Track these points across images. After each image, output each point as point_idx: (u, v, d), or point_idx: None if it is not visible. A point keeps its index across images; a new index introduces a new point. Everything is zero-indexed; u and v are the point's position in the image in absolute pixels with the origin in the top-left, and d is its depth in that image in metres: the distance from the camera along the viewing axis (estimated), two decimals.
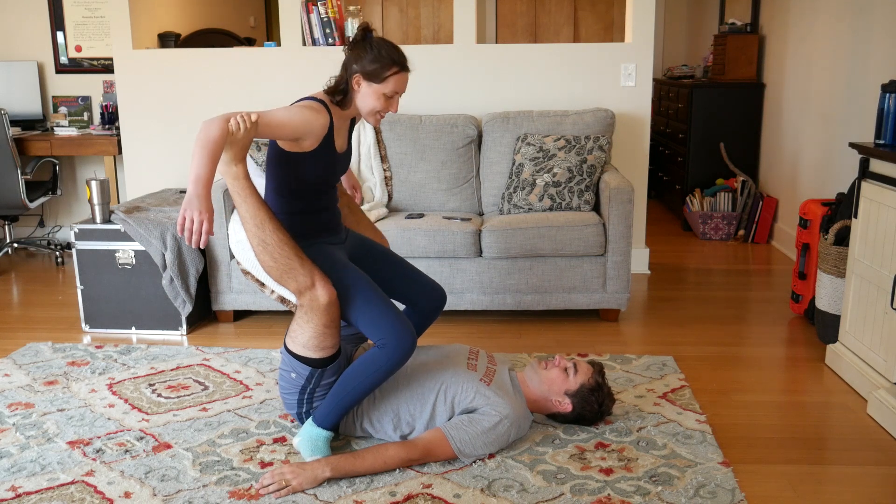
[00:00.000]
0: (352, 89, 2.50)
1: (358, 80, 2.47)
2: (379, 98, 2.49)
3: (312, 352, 2.46)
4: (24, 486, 2.39)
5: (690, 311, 3.99)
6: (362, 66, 2.45)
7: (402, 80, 2.51)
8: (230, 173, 2.40)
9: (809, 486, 2.38)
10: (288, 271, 2.39)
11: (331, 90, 2.51)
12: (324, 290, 2.38)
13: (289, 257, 2.39)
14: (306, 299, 2.40)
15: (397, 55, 2.48)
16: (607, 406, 2.68)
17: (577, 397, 2.61)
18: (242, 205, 2.40)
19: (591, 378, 2.63)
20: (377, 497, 2.31)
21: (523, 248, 3.68)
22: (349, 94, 2.51)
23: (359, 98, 2.50)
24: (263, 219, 2.40)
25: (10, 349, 3.57)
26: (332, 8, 4.45)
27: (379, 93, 2.48)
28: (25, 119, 5.37)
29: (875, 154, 2.94)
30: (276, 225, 2.41)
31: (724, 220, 5.46)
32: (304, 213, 2.56)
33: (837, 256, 3.32)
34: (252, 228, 2.41)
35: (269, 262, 2.41)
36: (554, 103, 4.50)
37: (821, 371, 3.25)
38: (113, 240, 3.71)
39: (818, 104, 4.66)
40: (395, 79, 2.48)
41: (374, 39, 2.49)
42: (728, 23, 5.82)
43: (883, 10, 3.86)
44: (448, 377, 2.56)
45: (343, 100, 2.51)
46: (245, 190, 2.39)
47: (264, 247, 2.40)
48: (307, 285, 2.39)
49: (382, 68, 2.45)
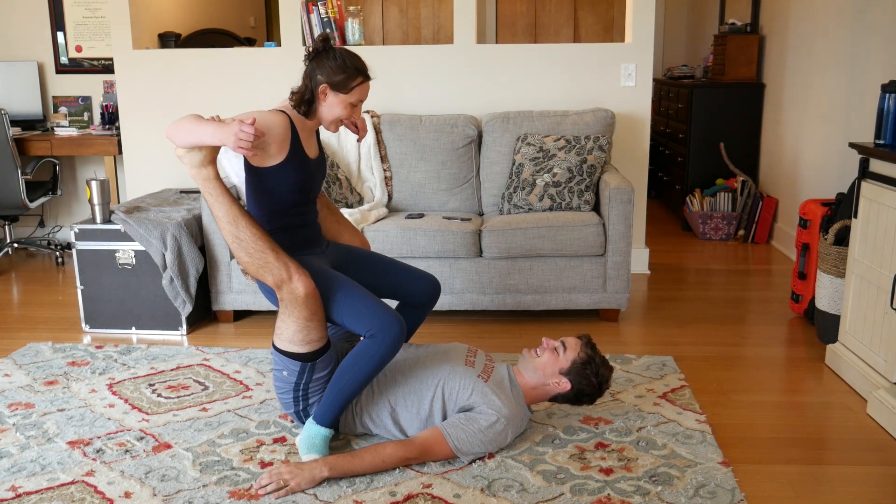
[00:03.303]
0: (317, 99, 2.56)
1: (324, 90, 2.53)
2: (345, 107, 2.57)
3: (299, 346, 2.47)
4: (24, 486, 2.39)
5: (690, 311, 3.99)
6: (328, 76, 2.52)
7: (366, 88, 2.59)
8: (201, 175, 2.47)
9: (809, 486, 2.38)
10: (263, 265, 2.43)
11: (296, 101, 2.57)
12: (300, 282, 2.40)
13: (263, 251, 2.43)
14: (285, 292, 2.42)
15: (361, 64, 2.57)
16: (604, 375, 2.62)
17: (571, 374, 2.59)
18: (215, 204, 2.47)
19: (581, 351, 2.60)
20: (377, 497, 2.31)
21: (523, 248, 3.68)
22: (314, 105, 2.57)
23: (324, 108, 2.57)
24: (237, 215, 2.45)
25: (10, 349, 3.57)
26: (332, 8, 4.45)
27: (345, 102, 2.56)
28: (25, 119, 5.37)
29: (875, 154, 2.94)
30: (249, 221, 2.46)
31: (724, 220, 5.46)
32: (286, 231, 2.60)
33: (837, 256, 3.32)
34: (226, 226, 2.46)
35: (245, 257, 2.46)
36: (554, 103, 4.50)
37: (821, 371, 3.25)
38: (113, 240, 3.71)
39: (818, 104, 4.66)
40: (361, 88, 2.57)
41: (337, 49, 2.55)
42: (728, 23, 5.82)
43: (883, 10, 3.86)
44: (446, 373, 2.57)
45: (308, 110, 2.58)
46: (217, 189, 2.46)
47: (239, 243, 2.45)
48: (284, 278, 2.41)
49: (348, 78, 2.53)
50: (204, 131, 2.38)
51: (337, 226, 2.94)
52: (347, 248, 2.85)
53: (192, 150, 2.44)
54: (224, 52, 4.66)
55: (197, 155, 2.44)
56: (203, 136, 2.38)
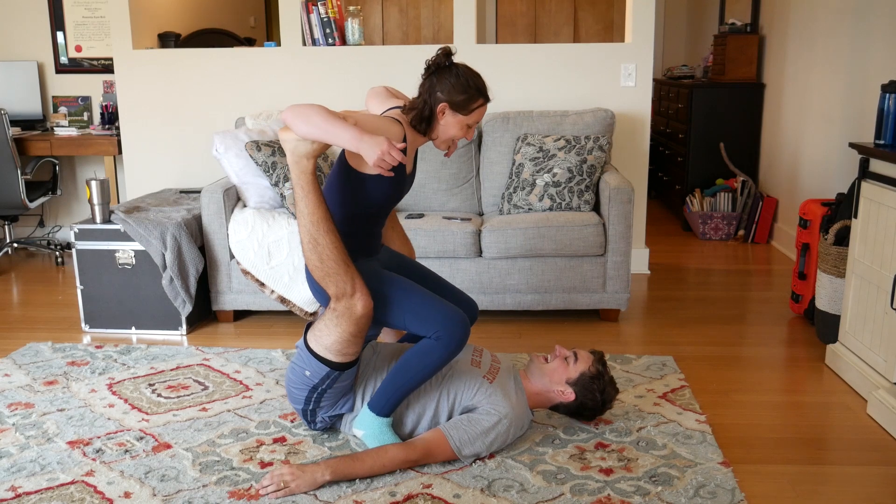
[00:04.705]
0: (435, 118, 2.47)
1: (443, 109, 2.44)
2: (462, 128, 2.48)
3: (334, 356, 2.45)
4: (24, 486, 2.39)
5: (690, 311, 3.99)
6: (449, 95, 2.42)
7: (484, 110, 2.50)
8: (300, 166, 2.39)
9: (809, 486, 2.38)
10: (332, 274, 2.39)
11: (415, 117, 2.48)
12: (361, 301, 2.38)
13: (336, 261, 2.39)
14: (342, 305, 2.40)
15: (483, 85, 2.47)
16: (609, 394, 2.64)
17: (578, 385, 2.59)
18: (304, 199, 2.39)
19: (592, 366, 2.61)
20: (377, 497, 2.31)
21: (523, 248, 3.68)
22: (433, 123, 2.48)
23: (441, 127, 2.48)
24: (321, 218, 2.39)
25: (10, 349, 3.57)
26: (332, 8, 4.45)
27: (463, 123, 2.47)
28: (25, 119, 5.37)
29: (875, 154, 2.94)
30: (330, 226, 2.41)
31: (724, 220, 5.46)
32: (357, 237, 2.55)
33: (837, 256, 3.32)
34: (307, 224, 2.40)
35: (316, 261, 2.41)
36: (554, 103, 4.50)
37: (821, 371, 3.25)
38: (113, 240, 3.71)
39: (818, 104, 4.66)
40: (480, 110, 2.48)
41: (460, 67, 2.46)
42: (728, 23, 5.82)
43: (883, 10, 3.86)
44: (451, 373, 2.58)
45: (427, 128, 2.49)
46: (310, 185, 2.39)
47: (315, 245, 2.40)
48: (347, 292, 2.38)
49: (470, 99, 2.44)
50: (342, 135, 2.27)
51: (391, 232, 2.89)
52: (398, 255, 2.81)
53: (303, 139, 2.35)
54: (224, 52, 4.66)
55: (307, 146, 2.35)
56: (340, 139, 2.28)
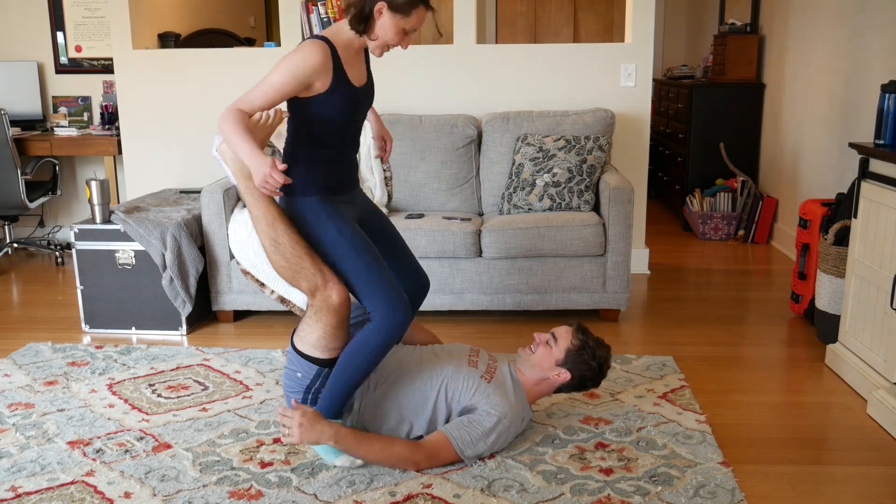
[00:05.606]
0: (373, 17, 2.40)
1: (380, 9, 2.37)
2: (398, 32, 2.41)
3: (320, 352, 2.46)
4: (24, 486, 2.39)
5: (690, 311, 3.99)
6: None
7: (423, 17, 2.43)
8: (243, 174, 2.41)
9: (809, 486, 2.38)
10: (299, 271, 2.39)
11: (354, 17, 2.39)
12: (335, 290, 2.38)
13: (300, 257, 2.39)
14: (318, 299, 2.40)
15: None
16: (601, 356, 2.60)
17: (568, 363, 2.57)
18: (255, 204, 2.41)
19: (574, 339, 2.59)
20: (377, 497, 2.31)
21: (523, 248, 3.68)
22: (370, 22, 2.40)
23: (378, 27, 2.41)
24: (275, 217, 2.40)
25: (10, 349, 3.57)
26: (332, 8, 4.45)
27: (399, 26, 2.40)
28: (25, 119, 5.36)
29: (875, 154, 2.94)
30: (287, 225, 2.41)
31: (724, 220, 5.46)
32: (327, 164, 2.49)
33: (837, 256, 3.32)
34: (264, 228, 2.40)
35: (281, 261, 2.41)
36: (554, 103, 4.50)
37: (821, 371, 3.25)
38: (113, 240, 3.71)
39: (818, 104, 4.66)
40: (419, 15, 2.40)
41: None
42: (728, 23, 5.82)
43: (883, 10, 3.86)
44: (450, 374, 2.57)
45: (366, 28, 2.40)
46: (258, 190, 2.38)
47: (276, 247, 2.40)
48: (318, 284, 2.38)
49: (409, 3, 2.37)
50: (242, 149, 2.28)
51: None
52: (373, 209, 2.74)
53: None
54: (224, 52, 4.66)
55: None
56: (240, 152, 2.30)
